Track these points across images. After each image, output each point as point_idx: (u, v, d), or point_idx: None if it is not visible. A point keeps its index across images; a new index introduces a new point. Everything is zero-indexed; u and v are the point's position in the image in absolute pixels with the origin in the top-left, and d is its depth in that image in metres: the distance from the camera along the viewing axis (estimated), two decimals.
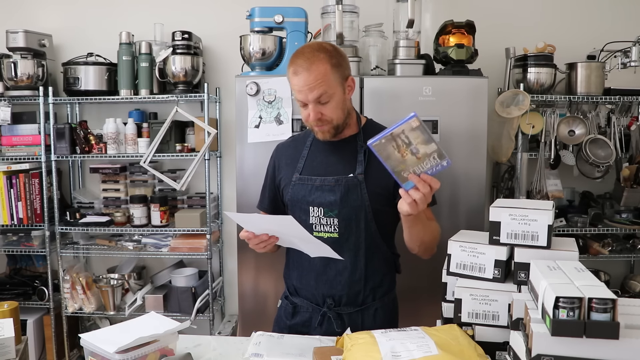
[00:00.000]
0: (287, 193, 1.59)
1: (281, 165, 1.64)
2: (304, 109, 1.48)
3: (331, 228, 1.51)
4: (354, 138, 1.56)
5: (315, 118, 1.45)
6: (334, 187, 1.51)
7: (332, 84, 1.44)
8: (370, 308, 1.57)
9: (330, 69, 1.43)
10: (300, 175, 1.56)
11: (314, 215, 1.53)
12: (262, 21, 2.31)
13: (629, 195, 2.61)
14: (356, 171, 1.51)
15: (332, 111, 1.46)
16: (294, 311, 1.62)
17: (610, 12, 2.80)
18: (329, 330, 1.54)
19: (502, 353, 1.21)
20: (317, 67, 1.42)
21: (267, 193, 1.69)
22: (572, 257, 1.20)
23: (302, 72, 1.42)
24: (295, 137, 1.72)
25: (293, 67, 1.45)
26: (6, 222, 2.74)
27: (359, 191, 1.50)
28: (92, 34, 2.93)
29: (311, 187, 1.53)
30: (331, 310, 1.55)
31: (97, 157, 2.74)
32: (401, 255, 1.64)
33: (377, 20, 2.44)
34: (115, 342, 1.18)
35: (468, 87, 2.21)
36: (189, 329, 1.35)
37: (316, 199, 1.52)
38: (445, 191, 2.23)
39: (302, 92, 1.43)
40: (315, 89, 1.42)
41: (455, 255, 1.31)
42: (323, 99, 1.43)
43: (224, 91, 2.92)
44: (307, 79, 1.41)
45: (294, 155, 1.62)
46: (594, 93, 2.53)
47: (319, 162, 1.57)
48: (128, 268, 2.89)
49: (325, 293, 1.56)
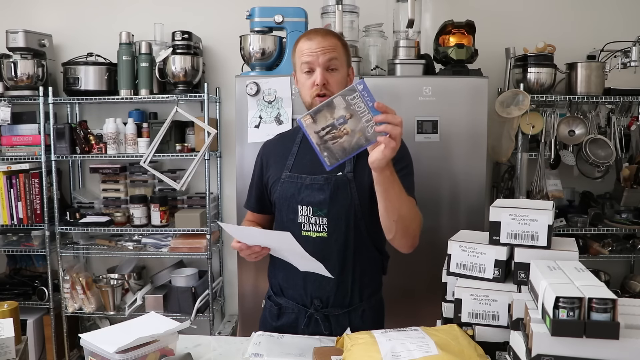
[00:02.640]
0: (275, 191, 1.56)
1: (269, 163, 1.61)
2: (308, 76, 1.48)
3: (320, 227, 1.49)
4: None
5: (322, 82, 1.45)
6: (323, 186, 1.48)
7: (341, 58, 1.49)
8: (358, 309, 1.55)
9: (341, 46, 1.50)
10: (290, 173, 1.54)
11: (303, 214, 1.50)
12: (262, 21, 2.31)
13: (629, 195, 2.61)
14: (345, 169, 1.50)
15: (335, 83, 1.48)
16: (279, 312, 1.59)
17: (610, 12, 2.80)
18: (315, 332, 1.51)
19: (502, 353, 1.20)
20: (330, 37, 1.49)
21: (253, 192, 1.66)
22: (572, 257, 1.20)
23: (316, 37, 1.47)
24: (283, 134, 1.70)
25: (306, 36, 1.50)
26: (6, 222, 2.74)
27: (348, 190, 1.48)
28: (92, 34, 2.93)
29: (300, 186, 1.51)
30: (318, 312, 1.53)
31: (97, 157, 2.74)
32: (392, 256, 1.62)
33: (377, 20, 2.44)
34: (115, 342, 1.18)
35: (468, 87, 2.21)
36: (189, 329, 1.35)
37: (305, 198, 1.50)
38: (445, 191, 2.23)
39: (314, 54, 1.46)
40: (327, 53, 1.45)
41: (455, 255, 1.30)
42: (332, 64, 1.47)
43: (224, 91, 2.92)
44: (320, 42, 1.46)
45: (283, 152, 1.59)
46: (594, 93, 2.53)
47: (308, 160, 1.53)
48: (128, 268, 2.89)
49: (313, 294, 1.53)
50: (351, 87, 1.17)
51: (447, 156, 2.21)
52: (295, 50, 1.52)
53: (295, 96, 2.21)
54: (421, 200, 2.21)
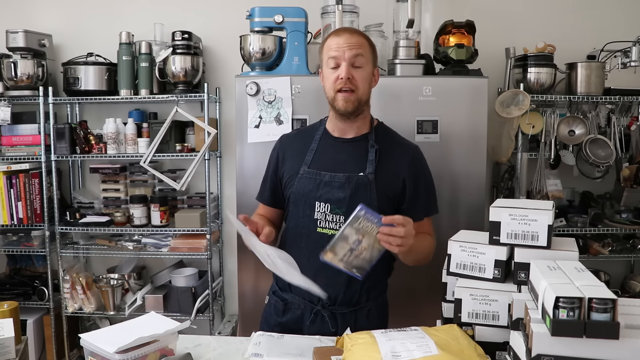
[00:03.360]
0: (291, 186, 1.56)
1: (286, 157, 1.61)
2: (333, 71, 1.49)
3: (336, 225, 1.50)
4: (365, 137, 1.56)
5: (347, 76, 1.46)
6: (344, 185, 1.49)
7: (367, 56, 1.51)
8: (364, 308, 1.57)
9: (368, 45, 1.52)
10: (308, 169, 1.54)
11: (320, 210, 1.51)
12: (262, 21, 2.31)
13: (629, 195, 2.61)
14: (367, 170, 1.50)
15: (361, 79, 1.49)
16: (285, 308, 1.60)
17: (610, 12, 2.80)
18: (321, 329, 1.53)
19: (502, 353, 1.21)
20: (358, 36, 1.51)
21: (268, 184, 1.66)
22: (572, 257, 1.20)
23: (344, 33, 1.50)
24: (302, 129, 1.72)
25: (334, 33, 1.52)
26: (6, 222, 2.74)
27: (368, 191, 1.49)
28: (92, 34, 2.93)
29: (319, 182, 1.51)
30: (325, 309, 1.54)
31: (97, 157, 2.74)
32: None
33: (377, 20, 2.44)
34: (115, 342, 1.18)
35: (468, 87, 2.21)
36: (189, 329, 1.35)
37: (324, 195, 1.50)
38: (445, 191, 2.23)
39: (341, 49, 1.48)
40: (354, 49, 1.47)
41: (455, 255, 1.31)
42: (358, 61, 1.48)
43: (224, 91, 2.92)
44: (348, 39, 1.48)
45: (301, 148, 1.59)
46: (594, 93, 2.53)
47: (328, 158, 1.55)
48: (128, 268, 2.89)
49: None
50: (355, 216, 1.28)
51: (447, 156, 2.21)
52: (322, 47, 1.54)
53: (295, 96, 2.21)
54: None
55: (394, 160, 1.54)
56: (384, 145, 1.55)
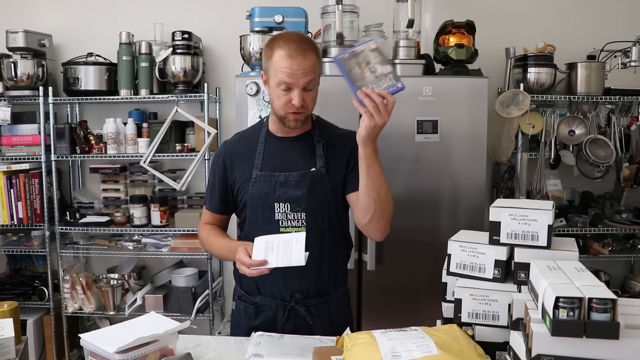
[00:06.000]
0: (245, 192, 1.56)
1: (234, 164, 1.59)
2: (284, 94, 1.44)
3: (299, 223, 1.52)
4: (309, 133, 1.57)
5: (301, 104, 1.44)
6: (300, 182, 1.51)
7: (317, 74, 1.49)
8: (333, 297, 1.61)
9: (317, 60, 1.47)
10: (261, 172, 1.54)
11: (280, 211, 1.52)
12: (262, 21, 2.31)
13: (629, 195, 2.61)
14: (318, 165, 1.53)
15: (311, 100, 1.49)
16: (256, 311, 1.60)
17: (610, 12, 2.80)
18: (297, 324, 1.55)
19: (502, 353, 1.21)
20: (310, 55, 1.44)
21: (217, 193, 1.63)
22: (572, 257, 1.20)
23: (297, 56, 1.41)
24: (243, 133, 1.68)
25: (286, 50, 1.41)
26: (6, 222, 2.74)
27: (322, 184, 1.53)
28: (92, 34, 2.93)
29: (275, 183, 1.52)
30: (299, 304, 1.56)
31: (97, 157, 2.74)
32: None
33: (377, 20, 2.44)
34: (115, 342, 1.18)
35: (468, 87, 2.21)
36: (189, 329, 1.35)
37: (282, 195, 1.52)
38: (445, 191, 2.23)
39: (295, 76, 1.41)
40: (308, 75, 1.43)
41: (455, 255, 1.31)
42: (310, 85, 1.45)
43: (224, 91, 2.92)
44: (302, 63, 1.41)
45: (248, 152, 1.58)
46: (594, 93, 2.53)
47: (278, 158, 1.55)
48: (128, 268, 2.89)
49: (294, 288, 1.56)
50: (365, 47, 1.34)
51: (447, 156, 2.21)
52: (271, 59, 1.44)
53: None
54: (421, 200, 2.23)
55: (339, 151, 1.56)
56: (326, 137, 1.57)
